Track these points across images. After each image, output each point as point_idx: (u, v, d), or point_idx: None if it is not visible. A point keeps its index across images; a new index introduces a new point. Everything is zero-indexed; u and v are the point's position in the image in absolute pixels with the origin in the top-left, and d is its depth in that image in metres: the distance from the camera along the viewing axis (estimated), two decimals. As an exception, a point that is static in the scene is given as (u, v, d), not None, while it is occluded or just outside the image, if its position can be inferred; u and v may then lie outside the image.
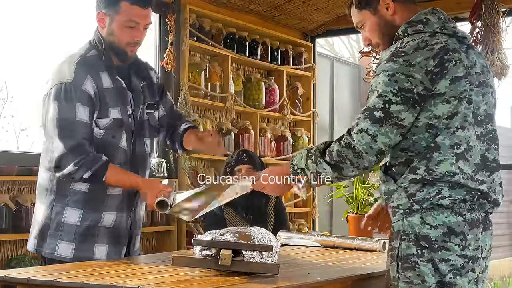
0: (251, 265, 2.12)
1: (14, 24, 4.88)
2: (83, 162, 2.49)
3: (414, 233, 2.05)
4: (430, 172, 2.04)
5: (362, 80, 7.89)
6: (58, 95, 2.53)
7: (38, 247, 2.60)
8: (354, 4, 2.30)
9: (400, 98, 2.03)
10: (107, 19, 2.61)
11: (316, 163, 2.15)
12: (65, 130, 2.51)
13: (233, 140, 5.19)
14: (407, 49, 2.06)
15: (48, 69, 2.76)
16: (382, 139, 2.04)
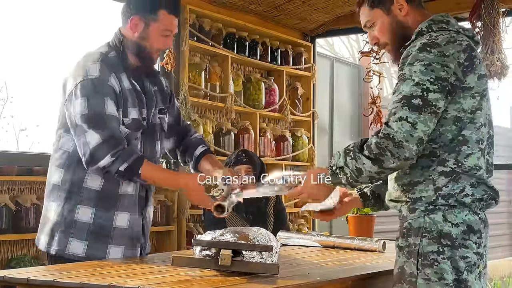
0: (251, 265, 2.12)
1: (14, 25, 4.89)
2: (120, 154, 2.46)
3: (436, 231, 2.08)
4: (459, 164, 2.09)
5: (362, 80, 7.89)
6: (85, 90, 2.50)
7: (48, 245, 2.58)
8: (366, 3, 2.30)
9: (438, 87, 2.04)
10: (142, 25, 2.62)
11: (355, 159, 2.10)
12: (98, 123, 2.48)
13: (233, 140, 5.19)
14: (440, 41, 2.10)
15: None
16: (422, 127, 2.02)
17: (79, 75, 2.53)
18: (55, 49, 5.30)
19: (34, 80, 5.01)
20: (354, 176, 2.11)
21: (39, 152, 4.37)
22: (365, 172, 2.09)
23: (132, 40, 2.64)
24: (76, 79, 2.53)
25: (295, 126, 5.92)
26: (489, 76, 4.75)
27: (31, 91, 4.93)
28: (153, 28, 2.62)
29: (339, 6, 5.42)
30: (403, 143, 2.02)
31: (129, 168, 2.47)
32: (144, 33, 2.63)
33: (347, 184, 2.17)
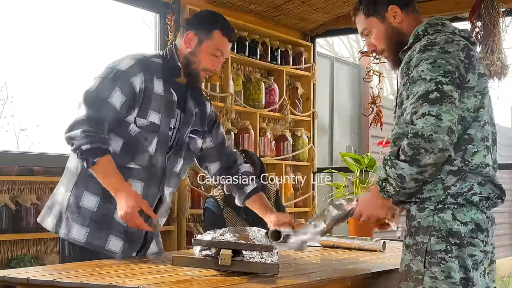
0: (251, 265, 2.12)
1: (14, 24, 4.89)
2: (91, 134, 2.48)
3: (445, 229, 2.11)
4: (466, 163, 2.11)
5: (362, 80, 7.89)
6: (105, 75, 2.59)
7: (56, 226, 2.62)
8: (361, 11, 2.37)
9: (449, 79, 2.08)
10: (196, 41, 2.70)
11: (394, 166, 2.11)
12: (93, 102, 2.53)
13: (233, 140, 5.19)
14: (439, 41, 2.15)
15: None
16: (447, 117, 2.03)
17: (112, 64, 2.63)
18: (55, 49, 5.30)
19: (34, 80, 5.01)
20: (399, 184, 2.11)
21: (39, 152, 4.36)
22: (407, 176, 2.09)
23: (184, 54, 2.70)
24: (107, 67, 2.63)
25: (295, 126, 5.92)
26: (489, 76, 4.75)
27: (31, 91, 4.92)
28: (205, 45, 2.69)
29: (339, 6, 5.42)
30: (433, 135, 2.02)
31: (89, 151, 2.46)
32: (196, 49, 2.70)
33: (397, 195, 2.16)
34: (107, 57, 5.45)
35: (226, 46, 2.73)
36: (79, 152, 2.48)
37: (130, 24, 6.72)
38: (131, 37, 6.08)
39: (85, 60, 5.36)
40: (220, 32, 2.70)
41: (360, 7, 2.37)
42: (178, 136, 2.74)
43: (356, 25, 2.41)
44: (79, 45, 5.45)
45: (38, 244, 3.98)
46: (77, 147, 2.48)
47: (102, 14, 5.64)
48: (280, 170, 5.60)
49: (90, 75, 4.32)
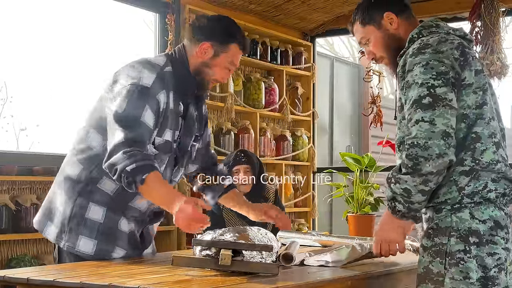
0: (251, 265, 2.12)
1: (14, 24, 4.88)
2: (133, 154, 2.35)
3: (464, 229, 2.10)
4: (477, 161, 2.11)
5: (361, 79, 7.89)
6: (131, 93, 2.45)
7: (58, 238, 2.55)
8: (358, 21, 2.38)
9: (442, 81, 2.08)
10: (211, 53, 2.61)
11: (398, 182, 2.11)
12: (128, 124, 2.41)
13: (233, 140, 5.19)
14: (432, 42, 2.16)
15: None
16: (441, 121, 2.04)
17: (132, 78, 2.49)
18: (55, 49, 5.30)
19: (34, 80, 5.01)
20: (406, 199, 2.11)
21: (39, 152, 4.37)
22: (412, 189, 2.08)
23: (195, 63, 2.63)
24: (127, 81, 2.49)
25: (295, 125, 5.92)
26: (489, 75, 4.75)
27: (31, 91, 4.92)
28: (221, 58, 2.62)
29: (339, 5, 5.42)
30: (428, 142, 2.03)
31: (135, 170, 2.34)
32: (211, 61, 2.62)
33: (408, 211, 2.13)
34: (107, 57, 5.45)
35: (239, 58, 2.68)
36: (125, 175, 2.34)
37: (130, 24, 6.72)
38: (131, 37, 6.08)
39: (85, 60, 5.36)
40: (237, 46, 2.63)
41: (356, 17, 2.39)
42: (181, 145, 2.68)
43: (355, 35, 2.43)
44: (79, 45, 5.45)
45: (38, 244, 3.98)
46: (121, 170, 2.34)
47: (102, 14, 5.63)
48: (280, 170, 5.60)
49: (90, 75, 4.29)
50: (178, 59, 2.64)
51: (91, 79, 5.37)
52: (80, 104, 5.28)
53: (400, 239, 2.24)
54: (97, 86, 5.42)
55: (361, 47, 2.46)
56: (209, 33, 2.62)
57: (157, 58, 2.64)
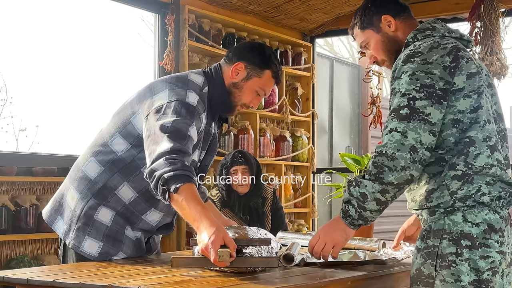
0: (250, 260, 2.12)
1: (14, 25, 4.89)
2: (174, 162, 2.25)
3: (456, 231, 2.09)
4: (470, 166, 2.09)
5: (361, 80, 7.90)
6: (179, 109, 2.42)
7: (65, 235, 2.55)
8: (357, 25, 2.40)
9: (424, 94, 2.08)
10: (244, 74, 2.60)
11: (358, 185, 2.14)
12: (176, 136, 2.35)
13: (233, 141, 5.19)
14: (422, 49, 2.15)
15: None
16: (412, 135, 2.06)
17: (177, 94, 2.46)
18: (55, 49, 5.30)
19: (34, 80, 5.01)
20: (361, 203, 2.13)
21: (39, 152, 4.37)
22: (369, 195, 2.11)
23: (227, 83, 2.61)
24: (171, 96, 2.45)
25: (294, 126, 5.93)
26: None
27: (31, 91, 4.93)
28: (252, 82, 2.60)
29: (339, 6, 5.42)
30: (396, 153, 2.06)
31: (173, 178, 2.21)
32: (241, 83, 2.60)
33: (359, 217, 2.17)
34: (106, 57, 5.45)
35: (271, 87, 2.67)
36: (161, 181, 2.22)
37: (130, 24, 6.72)
38: (131, 37, 6.07)
39: (85, 60, 5.36)
40: (271, 73, 2.62)
41: (355, 21, 2.40)
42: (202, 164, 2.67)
43: (355, 39, 2.44)
44: (79, 45, 5.46)
45: (37, 245, 3.98)
46: (159, 176, 2.23)
47: (102, 14, 5.64)
48: (280, 170, 5.60)
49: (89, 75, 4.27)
50: (215, 80, 2.61)
51: (91, 79, 5.37)
52: (80, 104, 5.28)
53: (341, 243, 2.25)
54: (96, 86, 5.42)
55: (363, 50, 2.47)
56: (246, 54, 2.62)
57: (196, 77, 2.59)
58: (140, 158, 2.49)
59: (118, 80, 5.43)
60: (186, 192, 2.21)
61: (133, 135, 2.52)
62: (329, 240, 2.25)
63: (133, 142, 2.52)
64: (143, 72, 5.14)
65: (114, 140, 2.55)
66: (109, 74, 5.45)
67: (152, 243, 2.73)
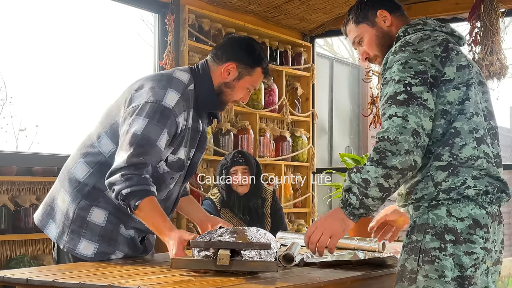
0: (249, 264, 2.12)
1: (14, 25, 4.89)
2: (130, 177, 2.35)
3: (440, 226, 2.05)
4: (455, 157, 2.06)
5: (361, 80, 7.90)
6: (152, 113, 2.42)
7: (58, 238, 2.55)
8: (351, 20, 2.39)
9: (419, 80, 2.06)
10: (235, 74, 2.60)
11: (359, 171, 2.09)
12: (140, 149, 2.38)
13: (232, 141, 5.19)
14: (413, 40, 2.15)
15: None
16: (413, 119, 2.03)
17: (155, 95, 2.46)
18: (55, 49, 5.30)
19: (34, 80, 5.01)
20: (363, 189, 2.07)
21: (39, 152, 4.37)
22: (372, 180, 2.05)
23: (218, 82, 2.61)
24: (149, 96, 2.46)
25: (294, 126, 5.92)
26: (488, 76, 4.75)
27: (31, 91, 4.92)
28: (243, 81, 2.61)
29: (339, 6, 5.42)
30: (399, 137, 2.02)
31: (130, 195, 2.34)
32: (233, 82, 2.60)
33: (360, 206, 2.10)
34: (106, 57, 5.45)
35: (260, 81, 2.68)
36: (121, 197, 2.36)
37: (129, 24, 6.72)
38: (131, 37, 6.08)
39: (85, 60, 5.36)
40: (261, 70, 2.63)
41: (350, 16, 2.40)
42: (192, 162, 2.68)
43: (348, 35, 2.43)
44: (78, 45, 5.45)
45: (37, 245, 3.98)
46: (117, 192, 2.36)
47: (102, 14, 5.64)
48: (280, 170, 5.60)
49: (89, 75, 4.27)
50: (201, 77, 2.61)
51: (90, 79, 5.37)
52: (80, 104, 5.28)
53: (339, 233, 2.20)
54: (96, 86, 5.42)
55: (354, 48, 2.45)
56: (236, 53, 2.61)
57: (181, 74, 2.58)
58: None
59: (117, 80, 5.44)
60: (145, 208, 2.35)
61: (118, 135, 2.52)
62: (326, 230, 2.20)
63: (118, 143, 2.51)
64: (143, 72, 5.14)
65: (102, 141, 2.55)
66: (108, 74, 5.44)
67: (147, 243, 2.72)
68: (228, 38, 2.76)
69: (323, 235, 2.20)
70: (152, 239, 2.77)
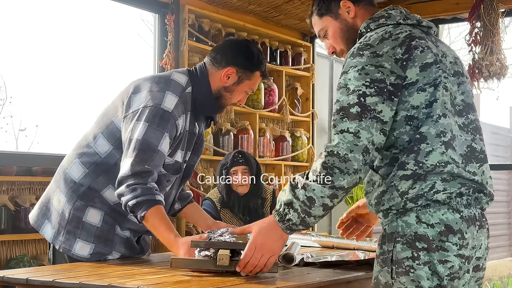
0: None
1: (13, 24, 4.89)
2: (135, 188, 2.36)
3: (410, 234, 1.90)
4: (420, 165, 1.90)
5: (361, 80, 7.87)
6: (152, 117, 2.43)
7: (54, 238, 2.55)
8: (314, 12, 2.25)
9: (374, 90, 1.91)
10: (235, 79, 2.60)
11: (304, 188, 1.94)
12: (142, 154, 2.39)
13: (232, 141, 5.19)
14: (372, 42, 1.97)
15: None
16: (365, 135, 1.89)
17: (154, 98, 2.46)
18: (55, 49, 5.30)
19: (34, 80, 5.01)
20: (306, 208, 1.94)
21: (39, 152, 4.37)
22: (318, 200, 1.92)
23: (217, 86, 2.60)
24: (148, 100, 2.46)
25: (294, 126, 5.93)
26: (488, 76, 4.75)
27: (31, 91, 4.92)
28: (244, 84, 2.61)
29: (339, 6, 5.41)
30: (349, 155, 1.88)
31: (136, 206, 2.36)
32: (233, 87, 2.61)
33: (300, 223, 1.97)
34: (106, 57, 5.45)
35: (258, 84, 2.70)
36: (129, 209, 2.38)
37: (129, 24, 6.72)
38: (131, 37, 6.08)
39: (84, 60, 5.36)
40: (260, 73, 2.63)
41: (313, 8, 2.26)
42: (188, 165, 2.68)
43: (314, 28, 2.30)
44: (78, 45, 5.45)
45: (37, 245, 3.98)
46: (125, 204, 2.38)
47: (102, 14, 5.64)
48: (280, 170, 5.60)
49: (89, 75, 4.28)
50: (199, 80, 2.60)
51: (90, 79, 5.37)
52: (80, 104, 5.28)
53: (279, 252, 2.09)
54: (95, 86, 5.42)
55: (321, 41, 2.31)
56: (235, 58, 2.60)
57: (179, 76, 2.58)
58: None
59: (117, 80, 5.44)
60: (151, 219, 2.37)
61: (115, 135, 2.52)
62: (266, 252, 2.06)
63: (115, 144, 2.52)
64: (143, 72, 5.14)
65: (98, 141, 2.55)
66: (108, 74, 5.45)
67: (144, 243, 2.71)
68: (226, 41, 2.77)
69: (263, 257, 2.07)
70: (148, 239, 2.77)
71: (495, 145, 10.20)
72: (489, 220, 2.07)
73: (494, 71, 4.68)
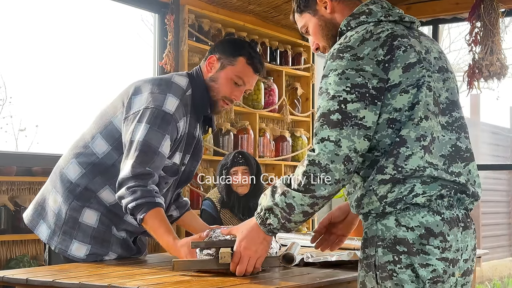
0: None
1: (13, 24, 4.88)
2: (135, 190, 2.36)
3: (389, 237, 1.85)
4: (399, 169, 1.84)
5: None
6: (153, 119, 2.42)
7: (49, 239, 2.53)
8: (295, 9, 2.21)
9: (355, 96, 1.84)
10: (218, 65, 2.58)
11: (284, 194, 1.90)
12: (143, 156, 2.39)
13: (232, 141, 5.19)
14: (353, 43, 1.89)
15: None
16: (346, 143, 1.83)
17: (155, 100, 2.46)
18: (55, 49, 5.30)
19: (33, 80, 5.01)
20: (286, 215, 1.91)
21: (38, 152, 4.36)
22: (297, 207, 1.88)
23: (205, 79, 2.60)
24: (149, 102, 2.46)
25: (294, 126, 5.93)
26: (488, 76, 4.75)
27: (30, 91, 4.92)
28: (227, 71, 2.57)
29: (339, 6, 5.42)
30: (330, 165, 1.83)
31: (135, 208, 2.35)
32: (217, 75, 2.58)
33: (281, 228, 1.95)
34: (106, 57, 5.45)
35: (249, 76, 2.61)
36: (129, 211, 2.38)
37: (129, 24, 6.72)
38: (131, 37, 6.08)
39: (84, 60, 5.36)
40: (245, 60, 2.57)
41: (294, 5, 2.21)
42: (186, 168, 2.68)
43: (297, 25, 2.26)
44: (78, 45, 5.45)
45: (37, 245, 3.98)
46: (125, 206, 2.37)
47: (102, 14, 5.64)
48: (280, 170, 5.60)
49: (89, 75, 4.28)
50: (196, 81, 2.60)
51: (90, 79, 5.37)
52: (80, 104, 5.28)
53: (265, 253, 2.09)
54: (95, 86, 5.42)
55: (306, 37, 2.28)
56: (218, 46, 2.61)
57: (180, 79, 2.58)
58: (120, 161, 2.47)
59: (117, 80, 5.44)
60: (151, 221, 2.36)
61: (113, 136, 2.52)
62: (252, 255, 2.07)
63: (113, 144, 2.51)
64: (143, 72, 5.13)
65: (96, 142, 2.54)
66: (108, 74, 5.44)
67: (140, 243, 2.71)
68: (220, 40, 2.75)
69: (251, 260, 2.08)
70: (144, 240, 2.76)
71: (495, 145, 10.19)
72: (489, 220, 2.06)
73: (494, 71, 4.69)
